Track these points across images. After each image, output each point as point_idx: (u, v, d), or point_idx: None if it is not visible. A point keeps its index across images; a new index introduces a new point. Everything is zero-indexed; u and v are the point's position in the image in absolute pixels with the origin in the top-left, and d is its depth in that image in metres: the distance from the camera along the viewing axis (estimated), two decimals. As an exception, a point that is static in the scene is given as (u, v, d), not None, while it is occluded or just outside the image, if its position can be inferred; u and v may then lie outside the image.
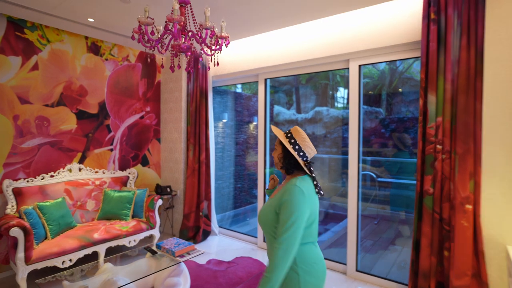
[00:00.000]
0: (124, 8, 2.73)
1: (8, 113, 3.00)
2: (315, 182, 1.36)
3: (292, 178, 1.34)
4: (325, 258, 3.28)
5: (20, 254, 2.48)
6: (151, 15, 2.63)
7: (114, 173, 3.73)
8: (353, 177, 2.99)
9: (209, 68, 2.50)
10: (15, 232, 2.46)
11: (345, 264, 3.09)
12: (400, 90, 5.20)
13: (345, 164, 6.19)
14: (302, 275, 1.23)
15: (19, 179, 3.02)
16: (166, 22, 1.75)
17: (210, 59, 2.09)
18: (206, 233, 4.02)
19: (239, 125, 5.70)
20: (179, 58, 1.98)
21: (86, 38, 3.55)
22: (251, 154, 5.62)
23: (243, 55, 3.75)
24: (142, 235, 3.33)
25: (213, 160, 4.10)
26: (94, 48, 3.63)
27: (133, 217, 3.44)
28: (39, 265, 2.59)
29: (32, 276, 2.85)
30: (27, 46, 3.11)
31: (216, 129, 4.97)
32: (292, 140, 1.34)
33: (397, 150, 4.71)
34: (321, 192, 1.35)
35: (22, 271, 2.51)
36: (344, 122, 6.56)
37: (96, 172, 3.58)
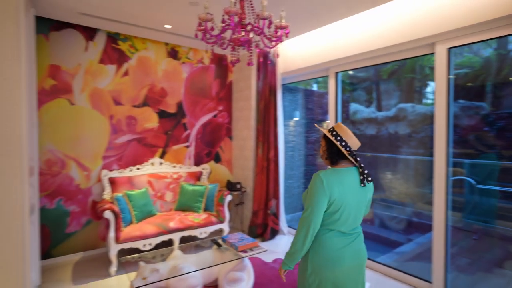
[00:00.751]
0: (194, 11, 2.90)
1: (106, 113, 3.51)
2: (365, 171, 1.44)
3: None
4: (405, 273, 2.88)
5: (111, 234, 2.87)
6: (216, 15, 2.71)
7: (189, 168, 4.02)
8: (439, 182, 2.53)
9: (276, 55, 2.43)
10: (108, 214, 2.86)
11: (430, 282, 2.65)
12: (512, 79, 4.25)
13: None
14: (311, 252, 1.44)
15: (113, 170, 3.51)
16: (223, 15, 1.77)
17: (276, 54, 2.05)
18: (274, 232, 3.98)
19: (311, 124, 5.51)
20: (238, 52, 1.98)
21: (166, 44, 3.91)
22: (323, 153, 5.34)
23: (311, 49, 3.59)
24: (212, 228, 3.49)
25: (282, 159, 4.05)
26: (173, 53, 3.98)
27: (204, 210, 3.64)
28: (125, 245, 2.96)
29: (122, 254, 3.27)
30: (120, 55, 3.59)
31: (287, 127, 4.89)
32: (334, 133, 1.48)
33: (480, 152, 3.88)
34: (364, 182, 1.43)
35: (113, 249, 2.90)
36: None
37: (174, 166, 3.91)
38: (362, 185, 1.43)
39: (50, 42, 3.17)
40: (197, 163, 4.22)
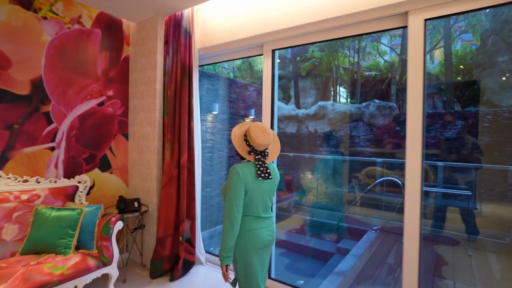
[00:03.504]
0: None
1: None
2: (261, 168, 1.64)
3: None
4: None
5: None
6: None
7: (55, 181, 2.59)
8: (413, 188, 1.94)
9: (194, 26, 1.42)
10: None
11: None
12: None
13: (354, 167, 5.25)
14: (238, 239, 1.63)
15: None
16: None
17: (193, 20, 1.03)
18: (188, 264, 2.92)
19: (234, 119, 4.61)
20: None
21: (9, -18, 2.40)
22: (247, 154, 4.55)
23: (241, 18, 2.68)
24: (89, 278, 2.20)
25: (198, 164, 3.02)
26: (24, 0, 2.49)
27: (77, 248, 2.32)
28: None
29: None
30: None
31: (205, 123, 3.87)
32: (245, 137, 1.70)
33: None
34: (261, 176, 1.62)
35: None
36: (353, 118, 5.64)
37: (25, 181, 2.43)
38: (258, 177, 1.62)
39: None
40: (69, 174, 2.79)
